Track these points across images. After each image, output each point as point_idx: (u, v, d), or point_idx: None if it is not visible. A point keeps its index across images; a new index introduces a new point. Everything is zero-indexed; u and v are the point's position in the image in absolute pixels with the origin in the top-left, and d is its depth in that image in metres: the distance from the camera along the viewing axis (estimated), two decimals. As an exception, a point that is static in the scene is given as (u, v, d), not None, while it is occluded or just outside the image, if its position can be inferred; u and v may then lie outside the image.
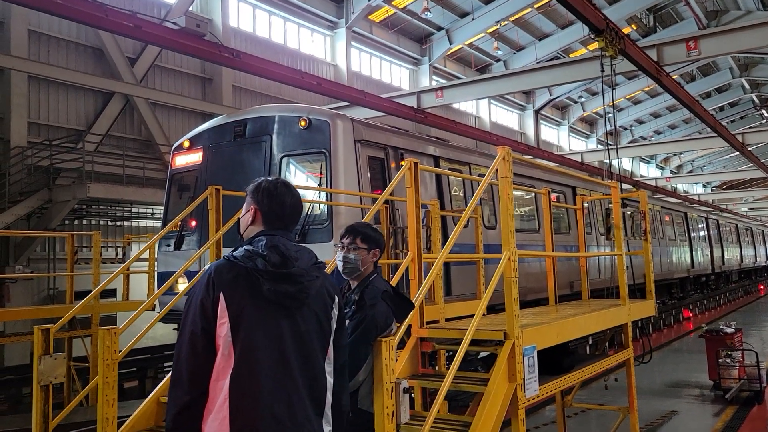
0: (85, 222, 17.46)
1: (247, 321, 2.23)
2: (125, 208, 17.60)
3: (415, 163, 4.63)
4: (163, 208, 9.62)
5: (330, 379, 2.43)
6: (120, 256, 14.44)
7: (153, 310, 7.40)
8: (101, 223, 17.86)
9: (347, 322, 3.07)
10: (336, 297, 2.52)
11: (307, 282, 2.33)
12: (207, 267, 2.35)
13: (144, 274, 11.73)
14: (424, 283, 3.67)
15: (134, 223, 18.52)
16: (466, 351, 3.68)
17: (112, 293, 14.33)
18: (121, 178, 15.93)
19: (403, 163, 8.39)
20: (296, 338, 2.31)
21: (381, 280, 3.56)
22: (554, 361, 5.27)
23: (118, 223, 18.18)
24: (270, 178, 2.59)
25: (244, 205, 2.55)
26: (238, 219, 2.58)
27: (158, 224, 18.25)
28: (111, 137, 18.06)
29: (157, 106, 19.11)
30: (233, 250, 2.38)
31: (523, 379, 4.02)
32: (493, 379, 3.84)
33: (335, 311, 2.49)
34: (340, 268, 3.46)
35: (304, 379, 2.31)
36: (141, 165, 17.08)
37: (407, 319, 3.53)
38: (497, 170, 4.19)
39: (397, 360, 3.47)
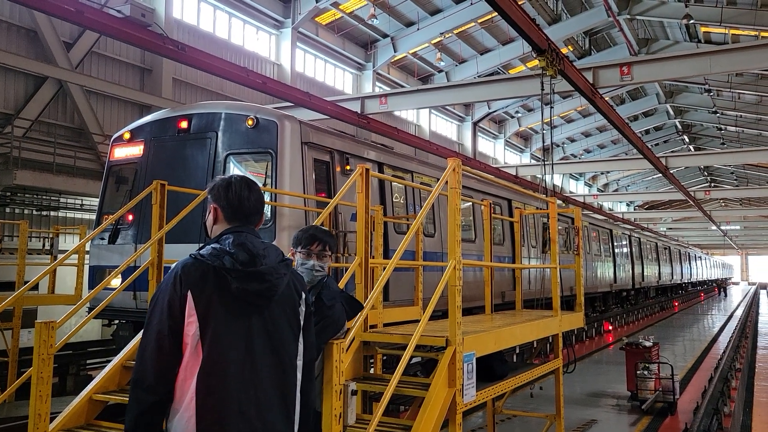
0: (8, 210, 16.65)
1: (215, 319, 2.22)
2: (53, 198, 16.89)
3: (367, 170, 4.72)
4: (98, 199, 9.33)
5: (299, 376, 2.44)
6: (47, 247, 13.85)
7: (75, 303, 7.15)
8: (26, 212, 17.06)
9: None
10: (303, 294, 2.53)
11: (275, 280, 2.33)
12: (174, 265, 2.31)
13: (69, 267, 11.29)
14: (376, 287, 3.75)
15: (62, 213, 17.78)
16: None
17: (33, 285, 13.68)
18: (51, 167, 15.30)
19: (348, 167, 8.55)
20: (265, 336, 2.31)
21: (333, 282, 3.63)
22: (488, 368, 5.44)
23: (45, 212, 17.43)
24: (225, 176, 2.55)
25: (207, 207, 2.52)
26: (203, 222, 2.55)
27: (88, 216, 17.62)
28: (41, 123, 17.28)
29: (92, 93, 18.42)
30: (199, 249, 2.34)
31: (462, 384, 4.16)
32: (434, 384, 3.96)
33: (302, 308, 2.50)
34: (309, 276, 3.40)
35: (273, 376, 2.30)
36: (72, 154, 16.45)
37: (357, 322, 3.60)
38: (446, 181, 4.32)
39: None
